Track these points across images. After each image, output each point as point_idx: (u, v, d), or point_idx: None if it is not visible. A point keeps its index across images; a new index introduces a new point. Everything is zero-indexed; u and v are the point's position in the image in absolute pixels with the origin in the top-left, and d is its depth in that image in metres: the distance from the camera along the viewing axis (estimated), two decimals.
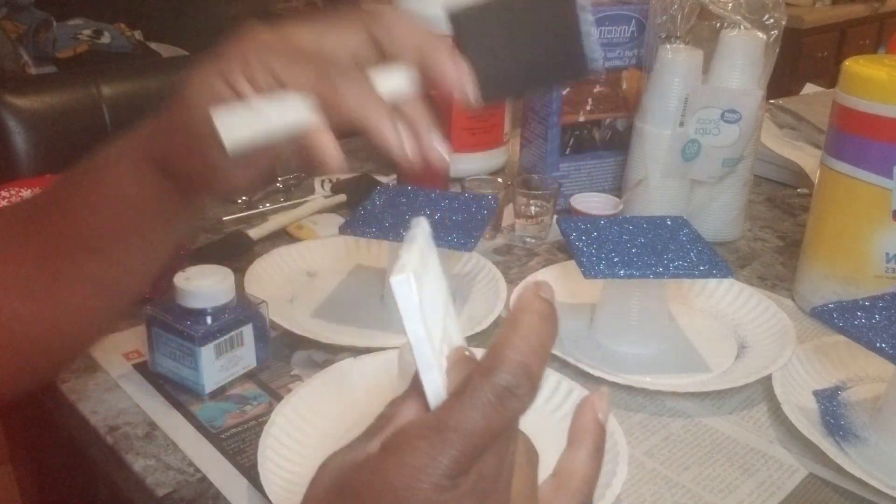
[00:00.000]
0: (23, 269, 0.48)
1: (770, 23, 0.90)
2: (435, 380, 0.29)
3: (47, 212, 0.49)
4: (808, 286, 0.82)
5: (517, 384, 0.27)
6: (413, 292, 0.28)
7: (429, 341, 0.29)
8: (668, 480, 0.58)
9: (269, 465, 0.54)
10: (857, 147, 0.75)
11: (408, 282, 0.28)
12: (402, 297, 0.28)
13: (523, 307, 0.30)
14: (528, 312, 0.29)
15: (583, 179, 1.05)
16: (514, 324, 0.29)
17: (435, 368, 0.29)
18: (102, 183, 0.47)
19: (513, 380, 0.27)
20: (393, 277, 0.28)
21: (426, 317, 0.29)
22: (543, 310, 0.30)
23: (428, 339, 0.29)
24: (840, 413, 0.65)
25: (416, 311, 0.28)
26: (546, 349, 0.29)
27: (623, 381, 0.66)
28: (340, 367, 0.65)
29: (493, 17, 0.39)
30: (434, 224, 0.74)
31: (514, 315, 0.29)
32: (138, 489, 0.57)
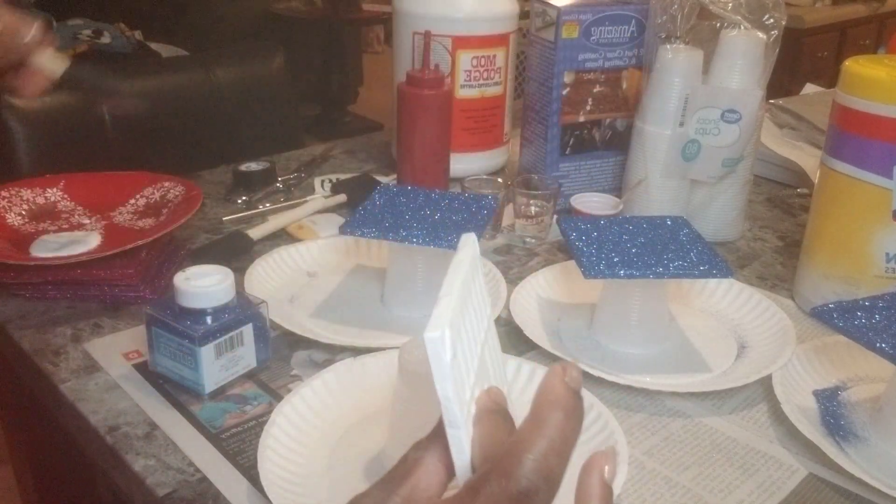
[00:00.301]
0: None
1: (770, 23, 0.90)
2: (460, 437, 0.30)
3: None
4: (808, 286, 0.82)
5: (535, 489, 0.27)
6: (446, 349, 0.29)
7: (457, 399, 0.29)
8: (668, 480, 0.58)
9: (269, 466, 0.54)
10: (857, 147, 0.75)
11: (441, 340, 0.29)
12: (434, 356, 0.29)
13: (549, 401, 0.29)
14: (553, 408, 0.29)
15: (583, 179, 1.05)
16: (538, 421, 0.28)
17: (461, 426, 0.29)
18: None
19: (531, 485, 0.27)
20: (427, 333, 0.29)
21: (458, 364, 0.30)
22: (569, 404, 0.29)
23: (456, 398, 0.29)
24: (840, 413, 0.65)
25: (447, 369, 0.29)
26: (569, 447, 0.29)
27: (623, 381, 0.66)
28: (340, 367, 0.65)
29: None
30: (434, 224, 0.74)
31: (538, 409, 0.29)
32: (138, 489, 0.57)
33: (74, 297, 0.78)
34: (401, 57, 1.10)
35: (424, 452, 0.31)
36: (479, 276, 0.37)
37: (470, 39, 1.05)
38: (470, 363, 0.32)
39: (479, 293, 0.36)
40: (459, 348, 0.30)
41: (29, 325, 0.75)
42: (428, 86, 0.94)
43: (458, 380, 0.30)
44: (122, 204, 0.92)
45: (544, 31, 0.99)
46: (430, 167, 0.98)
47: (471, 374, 0.31)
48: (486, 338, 0.35)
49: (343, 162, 1.22)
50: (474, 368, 0.32)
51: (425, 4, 1.06)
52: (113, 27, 2.72)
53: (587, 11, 0.96)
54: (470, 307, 0.33)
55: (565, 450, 0.28)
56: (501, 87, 1.11)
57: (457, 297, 0.32)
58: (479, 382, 0.32)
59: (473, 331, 0.33)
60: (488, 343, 0.35)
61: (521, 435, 0.28)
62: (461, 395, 0.30)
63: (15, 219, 0.87)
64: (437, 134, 0.97)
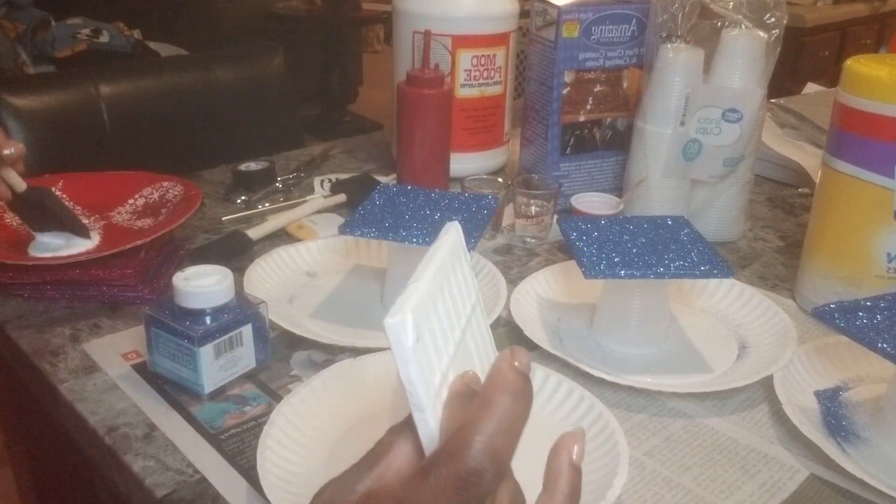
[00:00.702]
0: None
1: (771, 22, 0.89)
2: (426, 420, 0.30)
3: None
4: (809, 286, 0.82)
5: (481, 469, 0.28)
6: (407, 334, 0.29)
7: (422, 382, 0.30)
8: (668, 481, 0.58)
9: (269, 466, 0.54)
10: (858, 146, 0.75)
11: (402, 324, 0.29)
12: (395, 341, 0.29)
13: (496, 384, 0.30)
14: (500, 390, 0.29)
15: (583, 179, 1.05)
16: (485, 402, 0.29)
17: (427, 409, 0.30)
18: None
19: (477, 465, 0.28)
20: (386, 319, 0.29)
21: (425, 348, 0.30)
22: (517, 386, 0.30)
23: (421, 381, 0.29)
24: (841, 413, 0.65)
25: (409, 353, 0.29)
26: (517, 428, 0.29)
27: (624, 381, 0.66)
28: (340, 367, 0.64)
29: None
30: (434, 224, 0.74)
31: (486, 392, 0.30)
32: (137, 490, 0.57)
33: (73, 297, 0.78)
34: (401, 56, 1.10)
35: (398, 436, 0.31)
36: (462, 263, 0.36)
37: (470, 39, 1.05)
38: (443, 347, 0.32)
39: (461, 280, 0.36)
40: (428, 332, 0.31)
41: (27, 326, 0.74)
42: (428, 85, 0.94)
43: (426, 363, 0.30)
44: (121, 204, 0.91)
45: (545, 31, 0.98)
46: (430, 167, 0.98)
47: (443, 358, 0.32)
48: (470, 323, 0.35)
49: (343, 162, 1.22)
50: (449, 353, 0.32)
51: (425, 3, 1.05)
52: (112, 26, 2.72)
53: (588, 10, 0.96)
54: (446, 293, 0.33)
55: (513, 430, 0.29)
56: (501, 86, 1.10)
57: (427, 283, 0.32)
58: (457, 367, 0.33)
59: (450, 316, 0.33)
60: (472, 329, 0.36)
61: (469, 418, 0.29)
62: (428, 378, 0.30)
63: (14, 219, 0.86)
64: (437, 134, 0.97)
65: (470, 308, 0.36)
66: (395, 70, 1.11)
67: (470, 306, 0.36)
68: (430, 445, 0.31)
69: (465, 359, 0.34)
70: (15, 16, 2.52)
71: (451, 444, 0.29)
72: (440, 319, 0.32)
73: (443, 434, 0.30)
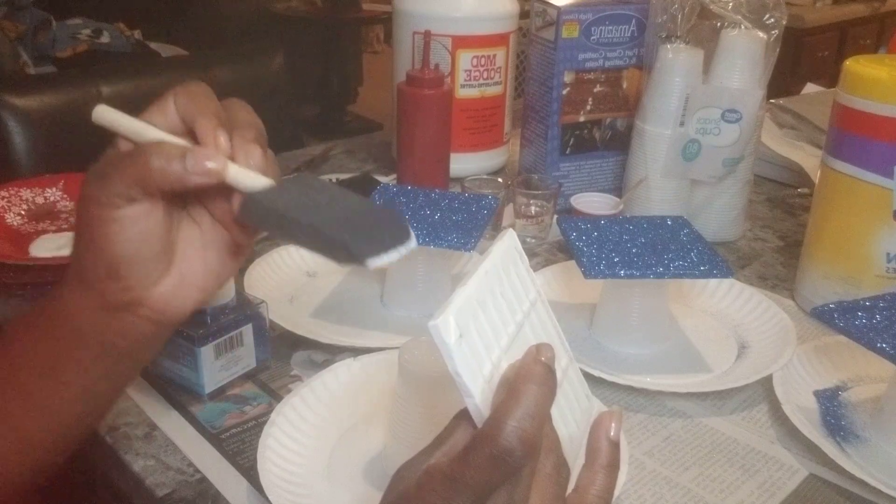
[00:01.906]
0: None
1: (770, 22, 0.89)
2: (476, 404, 0.35)
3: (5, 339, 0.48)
4: (808, 286, 0.82)
5: (511, 448, 0.32)
6: (449, 334, 0.34)
7: (468, 372, 0.34)
8: (668, 481, 0.58)
9: (269, 466, 0.54)
10: (857, 147, 0.75)
11: (444, 325, 0.34)
12: (437, 340, 0.34)
13: (523, 375, 0.34)
14: (526, 380, 0.34)
15: (583, 179, 1.05)
16: (514, 391, 0.34)
17: (476, 395, 0.35)
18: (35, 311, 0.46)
19: (508, 445, 0.32)
20: (430, 322, 0.34)
21: (471, 342, 0.35)
22: (541, 375, 0.35)
23: (467, 371, 0.34)
24: (841, 413, 0.65)
25: (452, 349, 0.34)
26: (543, 411, 0.34)
27: (623, 381, 0.66)
28: (340, 367, 0.65)
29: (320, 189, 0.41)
30: (434, 224, 0.74)
31: (515, 382, 0.34)
32: (138, 489, 0.57)
33: None
34: (401, 57, 1.10)
35: (460, 420, 0.36)
36: (518, 265, 0.41)
37: (470, 39, 1.05)
38: (494, 341, 0.37)
39: (516, 280, 0.40)
40: (475, 329, 0.35)
41: None
42: (428, 85, 0.94)
43: (472, 356, 0.35)
44: None
45: (544, 31, 0.98)
46: (430, 167, 0.98)
47: (493, 350, 0.36)
48: (529, 318, 0.40)
49: (343, 162, 1.22)
50: (501, 346, 0.37)
51: (425, 4, 1.06)
52: (112, 27, 2.72)
53: (587, 11, 0.96)
54: (497, 294, 0.38)
55: (539, 414, 0.33)
56: (501, 86, 1.10)
57: (473, 287, 0.36)
58: (513, 356, 0.37)
59: (502, 313, 0.38)
60: (532, 322, 0.41)
61: (501, 405, 0.34)
62: (475, 369, 0.35)
63: (14, 219, 0.87)
64: (437, 134, 0.97)
65: (528, 304, 0.41)
66: (395, 70, 1.12)
67: (528, 303, 0.41)
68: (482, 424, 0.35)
69: (523, 348, 0.37)
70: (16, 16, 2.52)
71: (486, 428, 0.33)
72: (490, 318, 0.37)
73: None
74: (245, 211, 0.40)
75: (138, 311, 0.44)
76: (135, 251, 0.42)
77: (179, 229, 0.45)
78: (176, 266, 0.44)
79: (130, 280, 0.42)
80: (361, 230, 0.37)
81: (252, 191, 0.40)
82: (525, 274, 0.42)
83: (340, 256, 0.37)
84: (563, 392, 0.42)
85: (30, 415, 0.47)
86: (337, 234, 0.37)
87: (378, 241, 0.37)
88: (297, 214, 0.38)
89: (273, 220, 0.39)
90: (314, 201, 0.39)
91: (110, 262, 0.42)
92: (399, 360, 0.53)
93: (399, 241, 0.38)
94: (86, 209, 0.41)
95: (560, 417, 0.40)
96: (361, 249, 0.36)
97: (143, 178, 0.40)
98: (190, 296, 0.45)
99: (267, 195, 0.39)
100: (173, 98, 0.43)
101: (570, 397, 0.43)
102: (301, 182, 0.41)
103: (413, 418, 0.53)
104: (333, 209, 0.39)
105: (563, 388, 0.41)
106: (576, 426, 0.42)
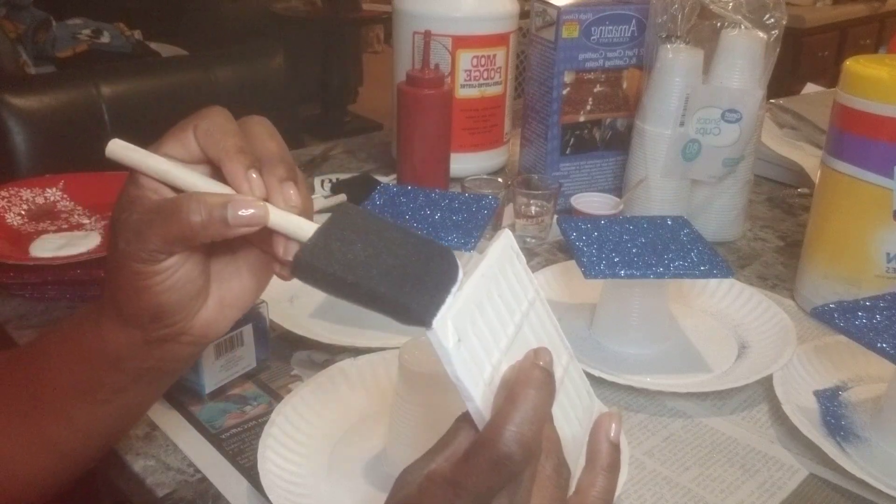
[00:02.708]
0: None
1: (771, 22, 0.89)
2: (477, 407, 0.35)
3: (16, 366, 0.48)
4: (808, 286, 0.82)
5: (511, 453, 0.33)
6: (447, 339, 0.34)
7: (467, 376, 0.34)
8: (668, 481, 0.58)
9: (269, 466, 0.54)
10: (857, 147, 0.75)
11: (441, 331, 0.34)
12: (436, 346, 0.34)
13: (522, 380, 0.35)
14: (525, 385, 0.34)
15: (583, 179, 1.05)
16: (514, 396, 0.34)
17: (477, 398, 0.35)
18: (73, 336, 0.46)
19: (508, 450, 0.32)
20: (428, 330, 0.34)
21: (470, 346, 0.35)
22: (539, 379, 0.35)
23: (467, 375, 0.34)
24: (841, 413, 0.65)
25: (450, 354, 0.34)
26: (542, 415, 0.34)
27: (623, 381, 0.66)
28: (340, 367, 0.65)
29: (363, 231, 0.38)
30: (434, 224, 0.74)
31: (514, 387, 0.34)
32: (138, 490, 0.57)
33: (74, 297, 0.78)
34: (401, 57, 1.10)
35: (462, 423, 0.36)
36: (514, 265, 0.41)
37: (470, 39, 1.05)
38: (493, 343, 0.36)
39: (514, 280, 0.40)
40: (473, 333, 0.35)
41: (29, 325, 0.74)
42: (428, 86, 0.94)
43: (471, 360, 0.35)
44: None
45: (544, 31, 0.98)
46: (430, 167, 0.98)
47: (493, 353, 0.36)
48: (528, 318, 0.40)
49: (343, 162, 1.22)
50: (501, 348, 0.37)
51: (425, 4, 1.06)
52: (112, 27, 2.72)
53: (587, 11, 0.96)
54: (495, 296, 0.38)
55: (538, 418, 0.34)
56: (501, 86, 1.10)
57: (470, 291, 0.36)
58: (513, 357, 0.37)
59: (501, 315, 0.38)
60: (531, 322, 0.40)
61: (500, 409, 0.34)
62: (475, 372, 0.35)
63: (14, 219, 0.87)
64: (437, 134, 0.97)
65: (527, 304, 0.40)
66: (395, 70, 1.12)
67: (526, 303, 0.40)
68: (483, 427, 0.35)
69: (523, 349, 0.37)
70: (16, 16, 2.52)
71: (486, 433, 0.33)
72: (488, 320, 0.37)
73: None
74: (298, 274, 0.37)
75: (181, 339, 0.44)
76: (178, 297, 0.42)
77: (213, 259, 0.44)
78: (214, 292, 0.44)
79: (174, 319, 0.42)
80: (418, 283, 0.36)
81: (297, 238, 0.39)
82: (523, 273, 0.42)
83: (404, 319, 0.36)
84: (565, 390, 0.42)
85: (67, 432, 0.47)
86: (399, 297, 0.36)
87: (433, 291, 0.36)
88: (355, 278, 0.36)
89: (330, 285, 0.37)
90: (365, 252, 0.37)
91: (155, 310, 0.41)
92: (399, 360, 0.53)
93: (449, 278, 0.37)
94: (125, 264, 0.40)
95: (562, 416, 0.40)
96: (424, 311, 0.35)
97: (185, 236, 0.39)
98: (229, 316, 0.45)
99: (317, 254, 0.37)
100: (192, 130, 0.41)
101: (572, 395, 0.43)
102: (344, 222, 0.38)
103: (413, 418, 0.53)
104: (387, 258, 0.37)
105: (564, 385, 0.41)
106: (578, 424, 0.42)
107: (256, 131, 0.42)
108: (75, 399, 0.46)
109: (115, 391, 0.46)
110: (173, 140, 0.41)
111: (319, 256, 0.37)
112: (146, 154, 0.41)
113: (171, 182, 0.40)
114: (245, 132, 0.42)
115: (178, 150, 0.41)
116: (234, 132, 0.41)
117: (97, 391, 0.45)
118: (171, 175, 0.40)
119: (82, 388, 0.46)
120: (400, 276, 0.36)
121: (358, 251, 0.37)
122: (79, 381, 0.46)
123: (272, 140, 0.43)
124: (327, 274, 0.36)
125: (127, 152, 0.41)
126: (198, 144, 0.41)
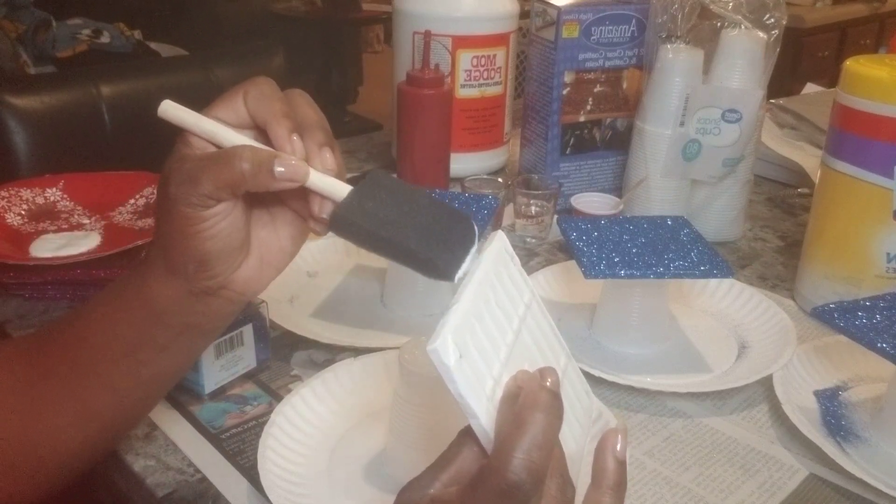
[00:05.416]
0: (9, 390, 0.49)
1: (771, 22, 0.89)
2: (481, 425, 0.34)
3: (53, 338, 0.50)
4: (808, 286, 0.82)
5: (520, 482, 0.32)
6: (448, 356, 0.33)
7: (471, 393, 0.33)
8: (668, 481, 0.58)
9: (269, 466, 0.54)
10: (857, 147, 0.75)
11: (442, 348, 0.33)
12: (438, 364, 0.33)
13: (528, 404, 0.34)
14: (532, 409, 0.33)
15: (583, 179, 1.05)
16: (520, 421, 0.33)
17: (481, 415, 0.34)
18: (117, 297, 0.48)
19: (516, 479, 0.32)
20: (428, 346, 0.33)
21: (472, 361, 0.34)
22: (546, 402, 0.34)
23: (470, 391, 0.33)
24: (841, 413, 0.65)
25: (453, 372, 0.33)
26: (550, 439, 0.33)
27: (623, 381, 0.66)
28: (340, 367, 0.65)
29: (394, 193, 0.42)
30: None
31: (521, 411, 0.34)
32: (138, 490, 0.57)
33: (74, 297, 0.78)
34: (401, 57, 1.10)
35: (465, 438, 0.35)
36: (509, 267, 0.40)
37: (470, 39, 1.05)
38: (493, 355, 0.36)
39: (509, 284, 0.40)
40: (474, 346, 0.35)
41: (29, 325, 0.74)
42: (428, 86, 0.94)
43: (473, 376, 0.34)
44: (122, 204, 0.91)
45: (544, 31, 0.98)
46: (430, 167, 0.98)
47: (494, 365, 0.36)
48: (525, 322, 0.39)
49: (343, 162, 1.22)
50: (501, 359, 0.36)
51: (426, 4, 1.06)
52: (112, 27, 2.72)
53: (587, 11, 0.96)
54: (492, 303, 0.37)
55: (547, 443, 0.33)
56: (501, 86, 1.10)
57: (467, 301, 0.35)
58: (513, 367, 0.36)
59: (499, 323, 0.37)
60: (528, 325, 0.40)
61: (508, 435, 0.33)
62: (478, 388, 0.34)
63: (14, 219, 0.87)
64: (437, 134, 0.97)
65: (523, 308, 0.40)
66: (395, 70, 1.12)
67: (523, 306, 0.40)
68: (488, 446, 0.34)
69: (522, 356, 0.37)
70: (15, 16, 2.52)
71: (494, 461, 0.32)
72: (487, 330, 0.36)
73: (496, 433, 0.34)
74: (335, 227, 0.42)
75: (222, 294, 0.46)
76: (222, 245, 0.44)
77: (253, 216, 0.47)
78: (255, 249, 0.47)
79: (217, 269, 0.45)
80: (443, 242, 0.40)
81: (333, 198, 0.42)
82: (517, 275, 0.41)
83: (429, 273, 0.40)
84: (564, 392, 0.41)
85: (109, 399, 0.49)
86: (427, 253, 0.39)
87: (455, 250, 0.40)
88: (387, 233, 0.40)
89: (364, 238, 0.41)
90: (396, 211, 0.41)
91: (201, 257, 0.44)
92: (399, 360, 0.53)
93: (469, 241, 0.41)
94: (175, 208, 0.43)
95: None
96: (447, 267, 0.39)
97: (235, 182, 0.42)
98: (267, 275, 0.48)
99: (352, 210, 0.41)
100: (243, 95, 0.44)
101: (571, 397, 0.43)
102: (375, 185, 0.42)
103: (413, 418, 0.53)
104: (415, 218, 0.41)
105: (563, 387, 0.41)
106: (578, 425, 0.42)
107: (299, 101, 0.46)
108: (117, 362, 0.48)
109: (158, 349, 0.48)
110: (224, 104, 0.45)
111: (355, 213, 0.41)
112: (198, 116, 0.44)
113: (219, 142, 0.44)
114: (289, 101, 0.45)
115: (228, 114, 0.45)
116: (281, 99, 0.44)
117: (139, 350, 0.47)
118: (220, 136, 0.44)
119: (125, 349, 0.48)
120: (426, 234, 0.40)
121: (389, 210, 0.41)
122: (120, 340, 0.48)
123: (312, 109, 0.46)
124: (362, 228, 0.40)
125: (179, 113, 0.44)
126: (246, 109, 0.44)
